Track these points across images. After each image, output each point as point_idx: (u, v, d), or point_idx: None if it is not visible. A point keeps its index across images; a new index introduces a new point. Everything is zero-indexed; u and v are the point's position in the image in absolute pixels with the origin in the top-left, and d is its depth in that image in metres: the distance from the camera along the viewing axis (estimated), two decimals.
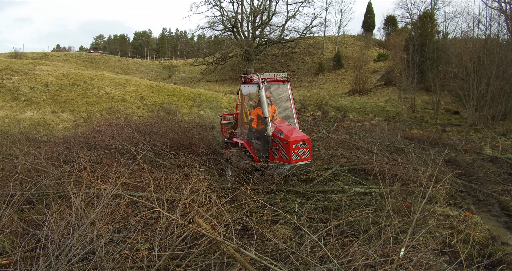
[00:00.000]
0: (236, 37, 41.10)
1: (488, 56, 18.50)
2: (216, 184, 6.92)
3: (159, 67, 48.27)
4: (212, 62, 40.68)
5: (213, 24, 41.48)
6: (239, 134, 8.67)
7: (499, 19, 24.34)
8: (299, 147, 7.07)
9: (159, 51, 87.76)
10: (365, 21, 50.48)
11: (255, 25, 41.10)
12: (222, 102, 23.14)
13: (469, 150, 11.34)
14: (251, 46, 39.65)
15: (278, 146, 7.23)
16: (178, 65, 50.60)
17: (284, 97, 8.58)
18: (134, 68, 45.66)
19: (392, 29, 47.25)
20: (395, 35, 42.84)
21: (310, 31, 41.45)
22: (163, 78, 41.88)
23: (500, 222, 6.23)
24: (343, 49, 44.88)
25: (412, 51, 25.41)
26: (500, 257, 4.73)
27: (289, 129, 7.36)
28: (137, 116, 17.72)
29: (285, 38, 41.22)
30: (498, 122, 17.63)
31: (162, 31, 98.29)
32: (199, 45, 51.49)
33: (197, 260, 4.28)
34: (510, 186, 7.78)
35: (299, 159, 7.14)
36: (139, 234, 4.77)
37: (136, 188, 6.68)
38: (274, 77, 8.14)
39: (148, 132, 11.07)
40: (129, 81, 23.89)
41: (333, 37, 47.85)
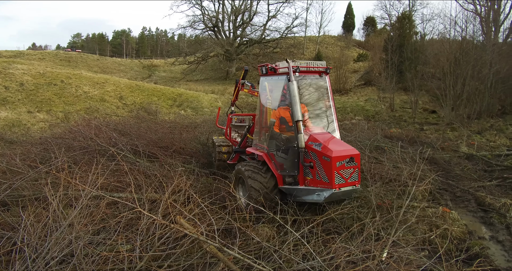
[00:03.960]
0: (217, 37, 40.99)
1: (464, 57, 18.99)
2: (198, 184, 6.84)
3: (139, 66, 47.62)
4: (193, 62, 40.42)
5: (194, 23, 41.29)
6: (256, 142, 6.63)
7: (475, 21, 25.06)
8: (344, 166, 5.04)
9: (138, 50, 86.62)
10: (345, 22, 51.09)
11: (236, 25, 41.10)
12: (203, 102, 23.02)
13: (446, 148, 11.61)
14: (232, 46, 39.61)
15: (313, 162, 5.24)
16: (158, 64, 50.05)
17: (319, 94, 6.26)
18: (113, 68, 44.87)
19: (372, 30, 48.01)
20: (374, 36, 43.54)
21: (291, 31, 41.75)
22: (143, 77, 41.33)
23: (477, 217, 6.40)
24: (323, 50, 45.29)
25: (391, 51, 25.88)
26: (477, 251, 4.87)
27: (329, 140, 5.36)
28: (117, 116, 17.42)
29: (266, 38, 41.37)
30: (473, 121, 18.13)
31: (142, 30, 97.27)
32: (180, 44, 50.97)
33: (180, 261, 4.23)
34: (486, 182, 8.01)
35: (344, 183, 5.09)
36: (120, 235, 4.68)
37: (115, 189, 6.56)
38: (308, 66, 5.99)
39: (128, 133, 10.90)
40: (108, 81, 23.47)
41: (313, 37, 48.27)
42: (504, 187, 7.82)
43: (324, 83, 6.18)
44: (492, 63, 19.14)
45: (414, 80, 21.98)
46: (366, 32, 49.79)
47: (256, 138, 6.73)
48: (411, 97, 22.71)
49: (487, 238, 5.50)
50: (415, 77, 22.51)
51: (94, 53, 60.88)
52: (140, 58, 60.99)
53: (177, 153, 9.38)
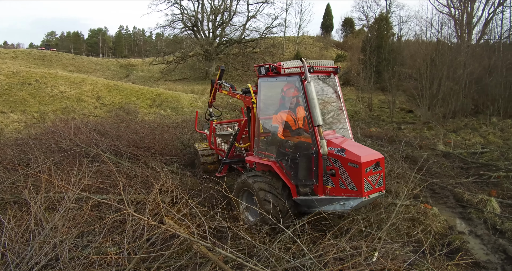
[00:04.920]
0: (196, 36, 40.73)
1: (439, 58, 19.54)
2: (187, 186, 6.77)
3: (116, 66, 46.79)
4: (172, 61, 40.01)
5: (172, 22, 40.91)
6: (258, 150, 5.89)
7: (449, 23, 25.83)
8: (372, 171, 4.72)
9: (115, 49, 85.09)
10: (323, 23, 51.69)
11: (216, 24, 40.95)
12: (183, 102, 22.84)
13: (423, 146, 11.93)
14: (212, 46, 39.45)
15: (336, 169, 4.85)
16: (136, 64, 49.31)
17: (329, 95, 5.80)
18: (90, 67, 43.92)
19: (350, 31, 48.72)
20: (352, 36, 44.21)
21: (270, 32, 41.91)
22: (121, 77, 40.62)
23: (455, 212, 6.61)
24: (302, 50, 45.69)
25: (369, 52, 26.37)
26: (458, 245, 5.04)
27: (350, 144, 5.01)
28: (95, 116, 17.07)
29: (246, 38, 41.38)
30: (448, 120, 18.68)
31: (118, 29, 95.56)
32: (158, 43, 50.29)
33: (169, 262, 4.19)
34: (463, 179, 8.28)
35: (372, 190, 4.76)
36: (106, 237, 4.60)
37: (98, 191, 6.43)
38: (318, 66, 5.44)
39: (107, 133, 10.71)
40: (85, 80, 22.97)
41: (293, 37, 48.62)
42: (480, 183, 8.12)
43: (333, 84, 5.74)
44: (466, 64, 19.76)
45: (392, 81, 22.45)
46: (344, 33, 50.52)
47: (256, 146, 5.96)
48: (389, 97, 23.19)
49: (467, 233, 5.70)
50: (392, 77, 23.00)
51: (69, 52, 59.36)
52: (117, 58, 59.91)
53: (159, 153, 9.28)
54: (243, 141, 7.09)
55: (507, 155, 10.21)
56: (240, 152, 7.23)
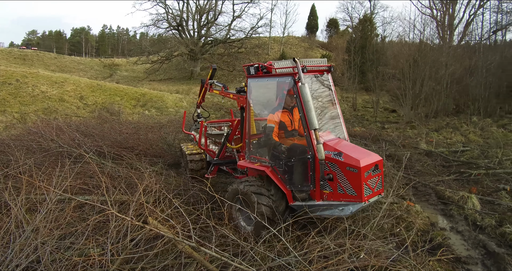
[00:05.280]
0: (181, 36, 40.42)
1: (422, 59, 19.89)
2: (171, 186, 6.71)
3: (99, 65, 46.07)
4: (156, 61, 39.60)
5: (157, 21, 40.45)
6: (249, 154, 5.64)
7: (432, 24, 26.33)
8: (371, 175, 4.61)
9: (99, 49, 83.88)
10: (308, 23, 51.95)
11: (201, 24, 40.72)
12: (168, 102, 22.64)
13: (406, 145, 12.13)
14: (197, 45, 39.22)
15: (333, 173, 4.68)
16: (120, 63, 48.65)
17: (323, 95, 5.52)
18: (72, 67, 43.15)
19: (334, 32, 49.08)
20: (337, 37, 44.57)
21: (255, 32, 41.85)
22: (104, 77, 40.04)
23: (437, 209, 6.74)
24: (288, 50, 45.81)
25: (353, 53, 26.64)
26: (440, 241, 5.15)
27: (347, 147, 4.84)
28: (77, 116, 16.80)
29: (231, 38, 41.24)
30: (431, 119, 19.03)
31: (102, 28, 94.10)
32: (142, 43, 49.75)
33: (154, 262, 4.16)
34: (444, 177, 8.45)
35: (372, 194, 4.64)
36: (89, 239, 4.53)
37: (81, 192, 6.33)
38: (312, 65, 5.25)
39: (90, 134, 10.56)
40: (67, 80, 22.56)
41: (278, 38, 48.70)
42: (461, 180, 8.30)
43: (327, 83, 5.53)
44: (448, 65, 20.16)
45: (375, 81, 22.76)
46: (329, 34, 50.84)
47: (247, 149, 5.69)
48: (373, 97, 23.50)
49: (448, 229, 5.82)
50: (376, 77, 23.31)
51: (51, 51, 58.22)
52: (101, 57, 59.06)
53: (143, 153, 9.20)
54: (235, 142, 6.88)
55: (487, 153, 10.46)
56: (231, 152, 7.01)
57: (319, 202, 4.80)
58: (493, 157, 9.96)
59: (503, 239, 5.37)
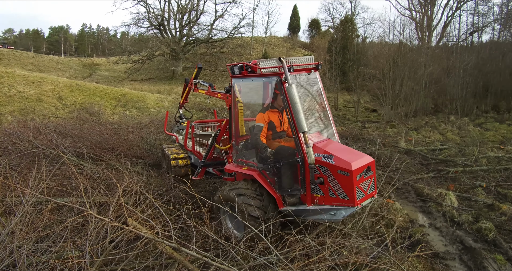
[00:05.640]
0: (162, 35, 40.01)
1: (401, 59, 20.23)
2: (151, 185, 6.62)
3: (78, 65, 45.19)
4: (137, 61, 39.09)
5: (138, 21, 39.93)
6: (236, 158, 5.48)
7: (411, 25, 26.87)
8: (363, 178, 4.44)
9: (78, 48, 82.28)
10: (290, 24, 52.20)
11: (183, 24, 40.40)
12: (149, 102, 22.37)
13: (387, 143, 12.32)
14: (179, 45, 38.89)
15: (324, 177, 4.49)
16: (100, 63, 47.83)
17: (311, 94, 5.40)
18: (50, 66, 42.16)
19: (316, 32, 49.49)
20: (319, 37, 44.94)
21: (238, 32, 41.78)
22: (84, 77, 39.28)
23: (416, 207, 6.87)
24: (270, 50, 45.93)
25: (334, 53, 26.87)
26: (419, 237, 5.25)
27: (337, 149, 4.67)
28: (56, 117, 16.42)
29: (213, 38, 41.07)
30: (410, 118, 19.39)
31: (81, 27, 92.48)
32: (123, 42, 48.99)
33: (134, 264, 4.09)
34: (423, 174, 8.62)
35: (364, 197, 4.50)
36: (67, 241, 4.42)
37: (59, 193, 6.19)
38: (299, 64, 5.03)
39: (69, 134, 10.35)
40: (45, 80, 22.02)
41: (260, 38, 48.79)
42: (439, 178, 8.48)
43: (315, 81, 5.34)
44: (426, 65, 20.59)
45: (356, 81, 23.03)
46: (311, 34, 51.22)
47: (234, 152, 5.52)
48: (354, 97, 23.77)
49: (427, 225, 5.94)
50: (357, 78, 23.59)
51: (28, 50, 56.78)
52: (80, 57, 57.96)
53: (124, 154, 9.06)
54: (223, 142, 6.65)
55: (464, 151, 10.72)
56: (219, 154, 6.77)
57: (310, 207, 4.61)
58: (470, 155, 10.21)
59: (479, 234, 5.51)
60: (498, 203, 6.62)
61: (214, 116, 9.94)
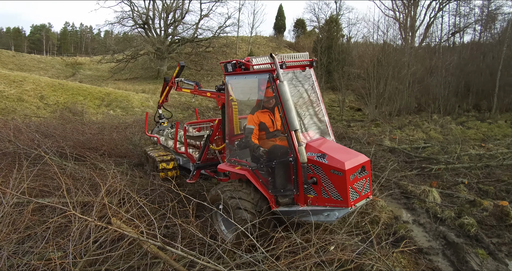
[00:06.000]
0: (147, 34, 39.62)
1: (385, 59, 20.52)
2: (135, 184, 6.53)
3: (61, 64, 44.39)
4: (122, 60, 38.59)
5: (122, 19, 39.38)
6: (230, 157, 5.32)
7: (394, 26, 27.24)
8: (357, 178, 4.32)
9: (60, 47, 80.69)
10: (276, 23, 52.28)
11: (168, 23, 40.07)
12: (133, 102, 22.13)
13: (371, 142, 12.46)
14: (164, 44, 38.56)
15: (317, 177, 4.38)
16: (83, 62, 47.07)
17: (305, 91, 5.24)
18: (32, 65, 41.30)
19: (302, 32, 49.68)
20: (304, 37, 45.18)
21: (223, 31, 41.67)
22: (66, 76, 38.59)
23: (400, 203, 6.96)
24: (255, 50, 45.95)
25: (319, 53, 27.04)
26: (403, 233, 5.32)
27: (331, 148, 4.53)
28: (37, 117, 16.10)
29: (199, 37, 40.87)
30: (394, 117, 19.67)
31: (64, 25, 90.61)
32: (107, 41, 48.32)
33: (118, 264, 4.03)
34: (407, 172, 8.74)
35: (359, 198, 4.38)
36: (49, 242, 4.33)
37: (41, 194, 6.06)
38: (292, 60, 4.93)
39: (51, 134, 10.17)
40: (27, 79, 21.56)
41: (246, 37, 48.74)
42: (423, 175, 8.62)
43: (309, 79, 5.20)
44: (410, 65, 20.91)
45: (341, 80, 23.21)
46: (296, 34, 51.39)
47: (228, 151, 5.37)
48: (339, 96, 23.96)
49: (411, 222, 6.02)
50: (342, 77, 23.78)
51: (9, 49, 55.44)
52: (63, 55, 56.87)
53: (108, 154, 8.93)
54: (216, 143, 6.46)
55: (447, 149, 10.93)
56: (213, 154, 6.56)
57: (303, 207, 4.48)
58: (452, 152, 10.41)
59: (461, 229, 5.62)
60: (479, 199, 6.75)
61: (196, 115, 9.75)
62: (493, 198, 7.10)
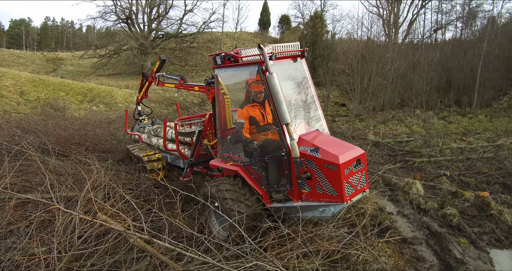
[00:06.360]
0: (130, 29, 39.01)
1: (369, 55, 20.72)
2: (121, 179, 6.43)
3: (42, 59, 43.36)
4: (104, 55, 37.93)
5: (105, 14, 38.69)
6: (222, 152, 5.18)
7: (378, 22, 27.51)
8: (352, 172, 4.18)
9: (41, 42, 78.83)
10: (261, 19, 52.23)
11: (151, 18, 39.54)
12: (117, 97, 21.82)
13: (356, 136, 12.61)
14: (147, 39, 38.05)
15: (311, 172, 4.24)
16: (65, 57, 46.08)
17: (297, 83, 5.07)
18: (11, 60, 40.24)
19: (286, 28, 49.71)
20: (289, 33, 45.18)
21: (208, 26, 41.33)
22: (47, 71, 37.75)
23: (385, 195, 7.06)
24: (240, 46, 45.77)
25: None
26: (388, 224, 5.41)
27: (324, 141, 4.40)
28: (17, 113, 15.74)
29: (183, 32, 40.46)
30: (378, 112, 19.94)
31: (44, 20, 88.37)
32: (89, 36, 47.40)
33: (104, 259, 3.99)
34: (391, 165, 8.87)
35: (355, 192, 4.24)
36: (33, 238, 4.25)
37: (24, 189, 5.93)
38: (282, 51, 4.71)
39: (33, 130, 9.95)
40: (6, 74, 21.03)
41: (231, 33, 48.51)
42: (406, 168, 8.78)
43: (301, 69, 4.99)
44: (393, 61, 21.18)
45: (326, 76, 23.35)
46: (281, 30, 51.43)
47: (219, 146, 5.23)
48: (324, 91, 24.09)
49: (395, 213, 6.13)
50: (326, 73, 23.91)
51: None
52: (43, 51, 55.59)
53: (91, 149, 8.78)
54: (208, 138, 6.30)
55: (429, 143, 11.15)
56: (206, 150, 6.38)
57: (297, 203, 4.35)
58: (434, 146, 10.62)
59: (444, 220, 5.75)
60: (461, 191, 6.92)
61: (177, 110, 9.51)
62: (474, 189, 7.29)
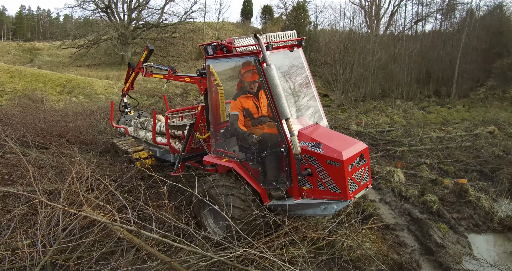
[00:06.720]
0: (110, 19, 38.09)
1: (351, 46, 20.89)
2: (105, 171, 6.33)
3: (17, 49, 41.95)
4: (83, 45, 36.98)
5: (83, 3, 37.59)
6: (216, 148, 4.91)
7: (360, 13, 27.70)
8: (356, 168, 3.97)
9: (16, 31, 76.18)
10: (243, 9, 51.75)
11: (132, 7, 38.69)
12: (97, 88, 21.39)
13: (338, 126, 12.76)
14: (128, 29, 37.27)
15: (312, 168, 4.00)
16: (42, 48, 44.70)
17: (294, 73, 4.81)
18: None
19: (269, 18, 49.45)
20: (271, 24, 44.99)
21: (189, 16, 40.73)
22: (24, 62, 36.59)
23: None
24: (223, 36, 45.32)
25: None
26: (371, 211, 5.54)
27: (326, 136, 4.16)
28: None
29: (164, 22, 39.79)
30: (360, 103, 20.21)
31: (19, 9, 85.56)
32: (67, 26, 46.04)
33: (91, 251, 3.96)
34: (373, 154, 9.04)
35: (358, 188, 4.05)
36: (16, 231, 4.18)
37: (4, 182, 5.80)
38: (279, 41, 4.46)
39: (10, 122, 9.71)
40: None
41: (213, 23, 47.96)
42: (388, 157, 8.95)
43: (298, 59, 4.75)
44: (375, 52, 21.42)
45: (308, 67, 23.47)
46: (263, 20, 51.15)
47: (213, 141, 4.97)
48: None
49: (377, 200, 6.28)
50: (309, 63, 24.01)
51: None
52: (19, 41, 53.78)
53: (72, 141, 8.62)
54: (200, 131, 6.05)
55: (410, 132, 11.38)
56: (198, 144, 6.15)
57: (297, 201, 4.15)
58: (414, 135, 10.85)
59: (425, 206, 5.92)
60: (440, 178, 7.12)
61: (165, 102, 9.30)
62: (453, 177, 7.52)
